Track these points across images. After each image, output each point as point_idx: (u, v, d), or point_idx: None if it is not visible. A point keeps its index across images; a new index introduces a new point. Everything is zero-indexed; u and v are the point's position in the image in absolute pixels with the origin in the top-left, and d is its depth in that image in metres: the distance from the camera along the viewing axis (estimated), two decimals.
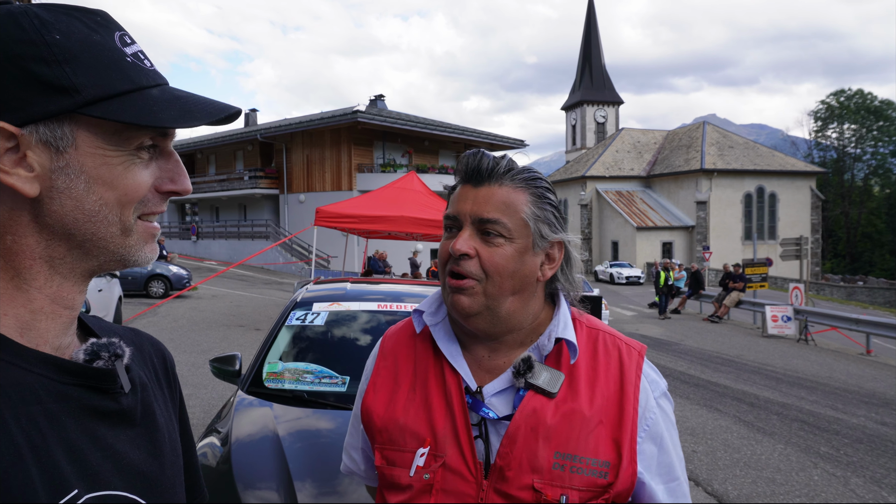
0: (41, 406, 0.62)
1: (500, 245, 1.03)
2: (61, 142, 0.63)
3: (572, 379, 1.07)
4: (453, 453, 1.04)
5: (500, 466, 1.02)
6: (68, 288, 0.68)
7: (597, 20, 69.70)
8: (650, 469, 1.06)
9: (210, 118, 0.69)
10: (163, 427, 0.78)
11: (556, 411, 1.03)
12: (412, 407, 1.10)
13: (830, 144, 58.93)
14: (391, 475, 1.08)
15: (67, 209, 0.64)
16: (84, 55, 0.63)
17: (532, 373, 1.05)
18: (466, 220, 1.05)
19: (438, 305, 1.17)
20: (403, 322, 1.25)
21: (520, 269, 1.05)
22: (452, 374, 1.09)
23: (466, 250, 1.02)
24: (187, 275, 17.61)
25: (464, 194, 1.07)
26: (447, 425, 1.06)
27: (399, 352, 1.19)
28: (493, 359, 1.11)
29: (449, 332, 1.14)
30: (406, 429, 1.08)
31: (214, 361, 3.20)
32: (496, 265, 1.03)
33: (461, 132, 31.91)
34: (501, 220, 1.03)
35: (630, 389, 1.07)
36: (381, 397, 1.14)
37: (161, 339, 0.93)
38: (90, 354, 0.70)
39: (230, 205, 35.45)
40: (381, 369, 1.18)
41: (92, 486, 0.64)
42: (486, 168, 1.05)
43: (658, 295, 19.44)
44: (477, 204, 1.04)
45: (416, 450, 1.06)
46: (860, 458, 5.93)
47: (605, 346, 1.12)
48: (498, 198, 1.04)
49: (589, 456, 1.01)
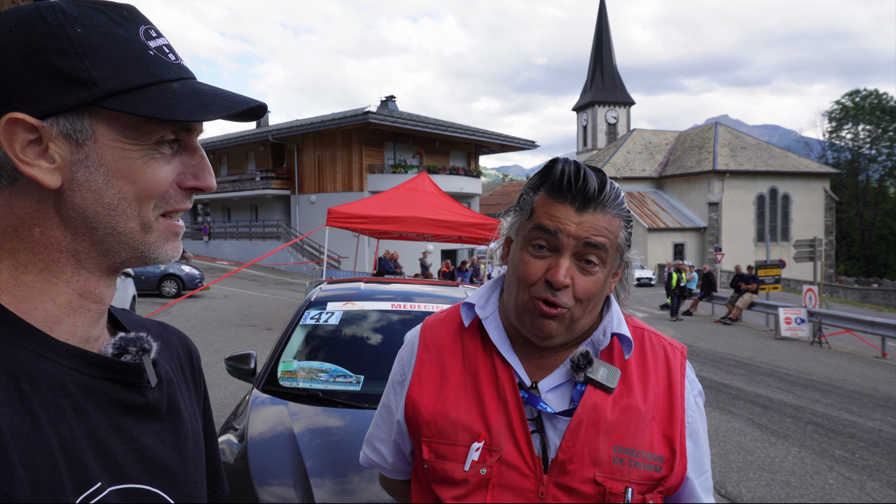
0: (69, 398, 0.63)
1: (594, 273, 1.03)
2: (81, 134, 0.63)
3: (626, 375, 1.09)
4: (509, 448, 1.04)
5: (561, 461, 1.02)
6: (95, 282, 0.68)
7: (608, 20, 69.52)
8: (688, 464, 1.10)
9: (228, 111, 0.68)
10: (187, 422, 0.78)
11: (614, 406, 1.05)
12: (463, 401, 1.09)
13: (845, 145, 58.35)
14: (443, 469, 1.07)
15: (88, 202, 0.64)
16: (105, 48, 0.63)
17: (591, 368, 1.06)
18: (569, 246, 1.01)
19: (488, 298, 1.17)
20: (444, 314, 1.23)
21: (602, 290, 1.06)
22: (504, 369, 1.09)
23: (567, 283, 1.01)
24: (200, 275, 17.73)
25: (564, 214, 1.02)
26: (501, 419, 1.06)
27: (443, 344, 1.17)
28: (546, 355, 1.11)
29: (500, 327, 1.14)
30: (458, 423, 1.08)
31: (230, 360, 3.22)
32: (588, 292, 1.03)
33: (472, 133, 31.90)
34: (606, 245, 1.02)
35: (678, 388, 1.10)
36: (427, 390, 1.13)
37: (189, 338, 0.94)
38: (118, 348, 0.70)
39: (242, 205, 35.65)
40: (425, 361, 1.17)
41: (116, 478, 0.64)
42: (593, 192, 1.01)
43: (670, 296, 19.33)
44: (583, 228, 1.01)
45: (470, 444, 1.05)
46: (876, 461, 5.86)
47: (652, 344, 1.15)
48: (602, 224, 1.02)
49: (645, 451, 1.03)
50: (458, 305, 1.19)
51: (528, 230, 1.06)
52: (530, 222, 1.05)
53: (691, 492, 1.10)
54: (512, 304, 1.09)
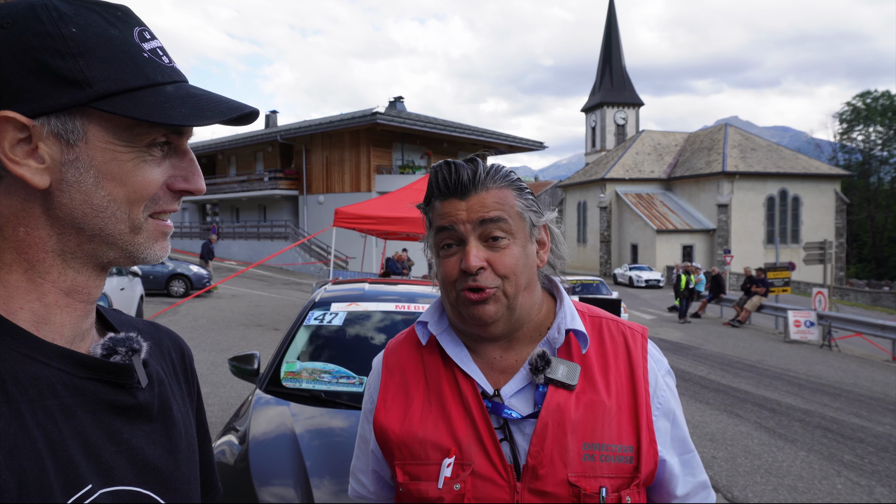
0: (57, 400, 0.62)
1: (506, 247, 1.04)
2: (72, 135, 0.62)
3: (586, 368, 1.08)
4: (481, 459, 1.03)
5: (532, 466, 1.01)
6: (82, 281, 0.68)
7: (617, 21, 69.29)
8: (665, 444, 1.09)
9: (222, 117, 0.67)
10: (179, 422, 0.78)
11: (578, 403, 1.04)
12: (429, 418, 1.08)
13: (856, 147, 57.88)
14: (417, 490, 1.05)
15: (76, 203, 0.64)
16: (99, 49, 0.63)
17: (550, 368, 1.05)
18: (468, 231, 1.04)
19: (441, 314, 1.17)
20: (403, 335, 1.24)
21: (526, 262, 1.07)
22: (466, 380, 1.08)
23: (481, 264, 1.02)
24: (207, 274, 17.81)
25: (453, 207, 1.05)
26: (469, 432, 1.04)
27: (405, 365, 1.17)
28: (505, 358, 1.11)
29: (455, 340, 1.13)
30: (426, 441, 1.06)
31: (233, 360, 3.23)
32: (509, 267, 1.04)
33: (480, 134, 31.88)
34: (503, 216, 1.04)
35: (640, 372, 1.09)
36: (393, 413, 1.12)
37: (181, 338, 0.93)
38: (107, 349, 0.70)
39: (250, 205, 35.79)
40: (388, 385, 1.16)
41: (106, 481, 0.64)
42: (467, 178, 1.05)
43: (678, 298, 19.23)
44: (472, 210, 1.04)
45: (441, 461, 1.04)
46: (885, 466, 5.80)
47: (610, 332, 1.14)
48: (491, 200, 1.05)
49: (614, 443, 1.03)
50: (415, 325, 1.19)
51: (433, 238, 1.10)
52: (432, 231, 1.10)
53: (671, 473, 1.08)
54: (448, 308, 1.11)
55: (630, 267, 38.19)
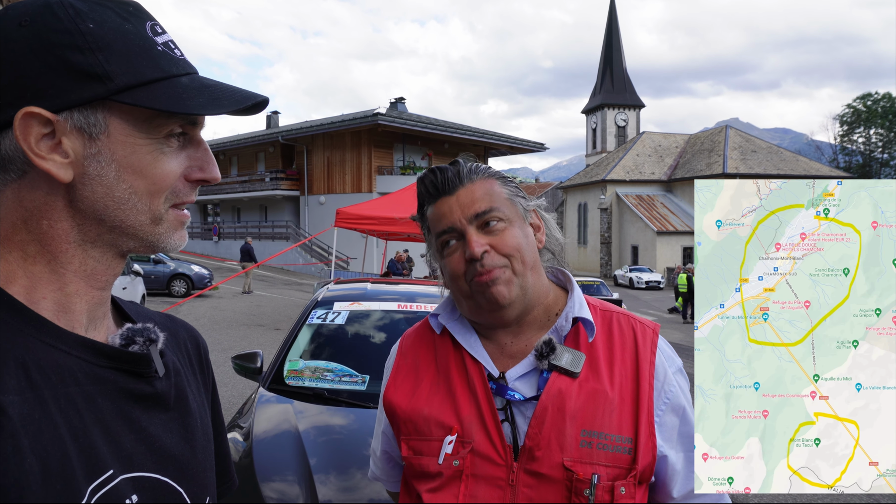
0: (79, 387, 0.64)
1: (504, 229, 1.09)
2: (94, 128, 0.64)
3: (592, 359, 1.10)
4: (481, 438, 1.06)
5: (529, 447, 1.04)
6: (102, 270, 0.70)
7: (618, 23, 69.32)
8: (671, 440, 1.09)
9: (237, 105, 0.69)
10: (195, 412, 0.79)
11: (580, 391, 1.06)
12: (436, 397, 1.13)
13: (856, 149, 57.83)
14: (419, 464, 1.10)
15: (98, 195, 0.65)
16: (116, 44, 0.64)
17: (554, 354, 1.08)
18: (465, 225, 1.09)
19: (452, 308, 1.21)
20: (420, 325, 1.29)
21: (527, 241, 1.11)
22: (474, 363, 1.12)
23: (483, 249, 1.06)
24: (209, 274, 17.84)
25: (446, 206, 1.11)
26: (472, 412, 1.08)
27: (418, 350, 1.22)
28: (515, 344, 1.14)
29: (466, 327, 1.18)
30: (431, 418, 1.11)
31: (236, 359, 3.24)
32: (511, 246, 1.08)
33: (481, 135, 31.88)
34: (494, 205, 1.10)
35: (645, 367, 1.10)
36: (402, 391, 1.17)
37: (196, 330, 0.95)
38: (126, 339, 0.72)
39: (251, 206, 35.77)
40: (401, 366, 1.22)
41: (127, 467, 0.65)
42: (452, 175, 1.12)
43: (679, 300, 19.23)
44: (464, 206, 1.09)
45: (444, 438, 1.08)
46: None
47: (620, 325, 1.16)
48: (478, 192, 1.10)
49: (613, 433, 1.04)
50: (428, 317, 1.25)
51: (435, 243, 1.15)
52: (432, 237, 1.15)
53: (674, 469, 1.09)
54: (462, 303, 1.14)
55: (630, 268, 38.17)
